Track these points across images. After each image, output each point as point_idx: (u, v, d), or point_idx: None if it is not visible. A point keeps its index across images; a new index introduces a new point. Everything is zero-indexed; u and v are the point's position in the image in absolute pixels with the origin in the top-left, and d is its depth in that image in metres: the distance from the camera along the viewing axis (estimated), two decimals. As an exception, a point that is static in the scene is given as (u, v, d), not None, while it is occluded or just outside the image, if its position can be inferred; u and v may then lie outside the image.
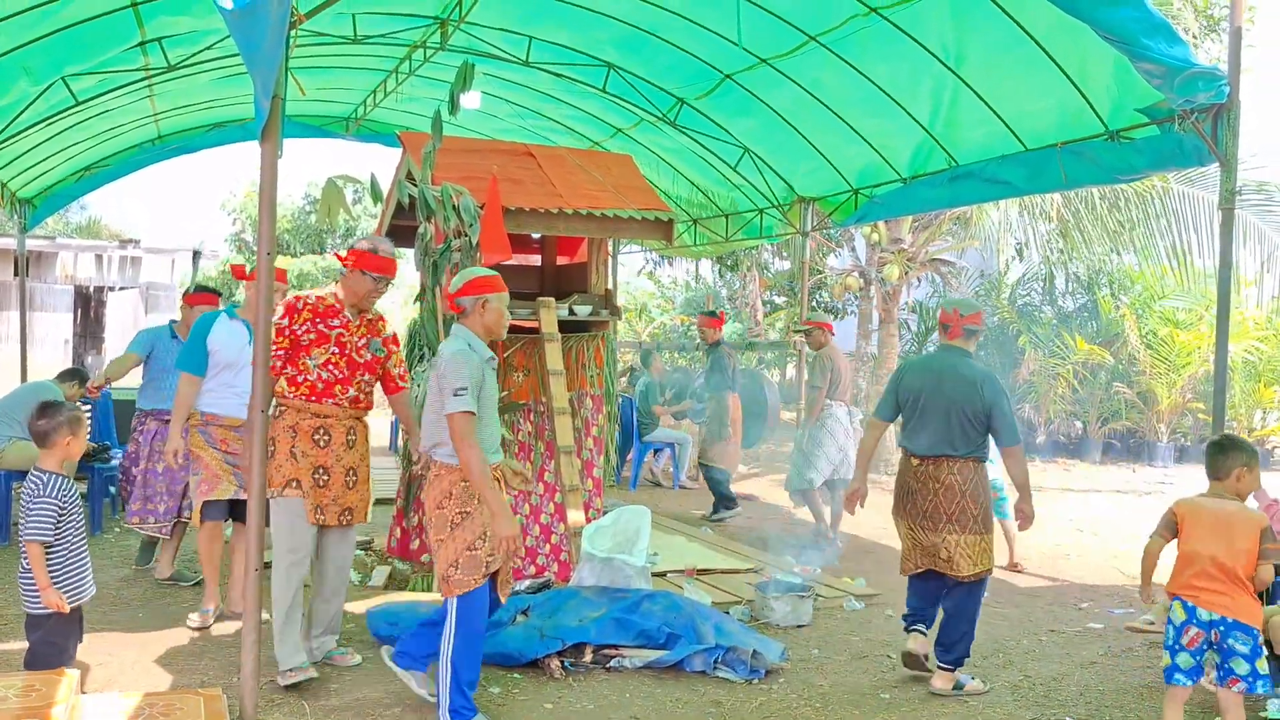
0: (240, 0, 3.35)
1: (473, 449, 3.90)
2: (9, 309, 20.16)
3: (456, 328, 4.21)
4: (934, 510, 4.79)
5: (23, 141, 8.50)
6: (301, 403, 4.56)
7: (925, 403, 4.86)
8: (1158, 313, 14.47)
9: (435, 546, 4.07)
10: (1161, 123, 5.92)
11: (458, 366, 3.95)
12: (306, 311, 4.59)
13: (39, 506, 3.82)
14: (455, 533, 3.99)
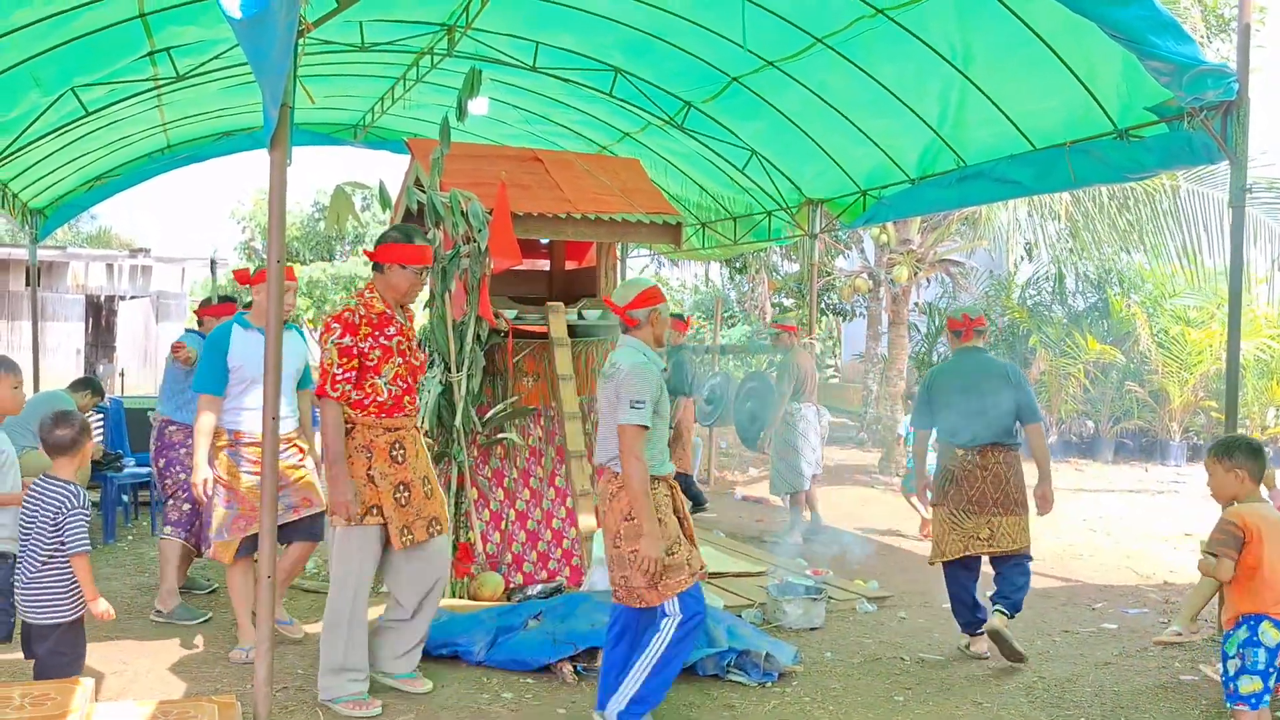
0: (248, 9, 3.36)
1: (638, 463, 3.88)
2: (21, 319, 20.24)
3: (628, 339, 4.15)
4: (980, 496, 5.24)
5: (34, 152, 8.55)
6: (372, 419, 4.34)
7: (964, 400, 5.29)
8: (1169, 311, 14.42)
9: (631, 558, 3.95)
10: (1171, 121, 5.90)
11: (639, 379, 3.94)
12: (365, 326, 4.33)
13: (76, 517, 3.76)
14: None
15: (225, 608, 5.92)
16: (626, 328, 4.18)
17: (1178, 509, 10.53)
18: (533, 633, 5.00)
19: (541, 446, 6.47)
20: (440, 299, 6.20)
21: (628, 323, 4.17)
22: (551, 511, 6.46)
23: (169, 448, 6.02)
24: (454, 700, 4.50)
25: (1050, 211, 13.75)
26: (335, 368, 4.24)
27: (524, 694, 4.59)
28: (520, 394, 6.37)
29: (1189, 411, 14.26)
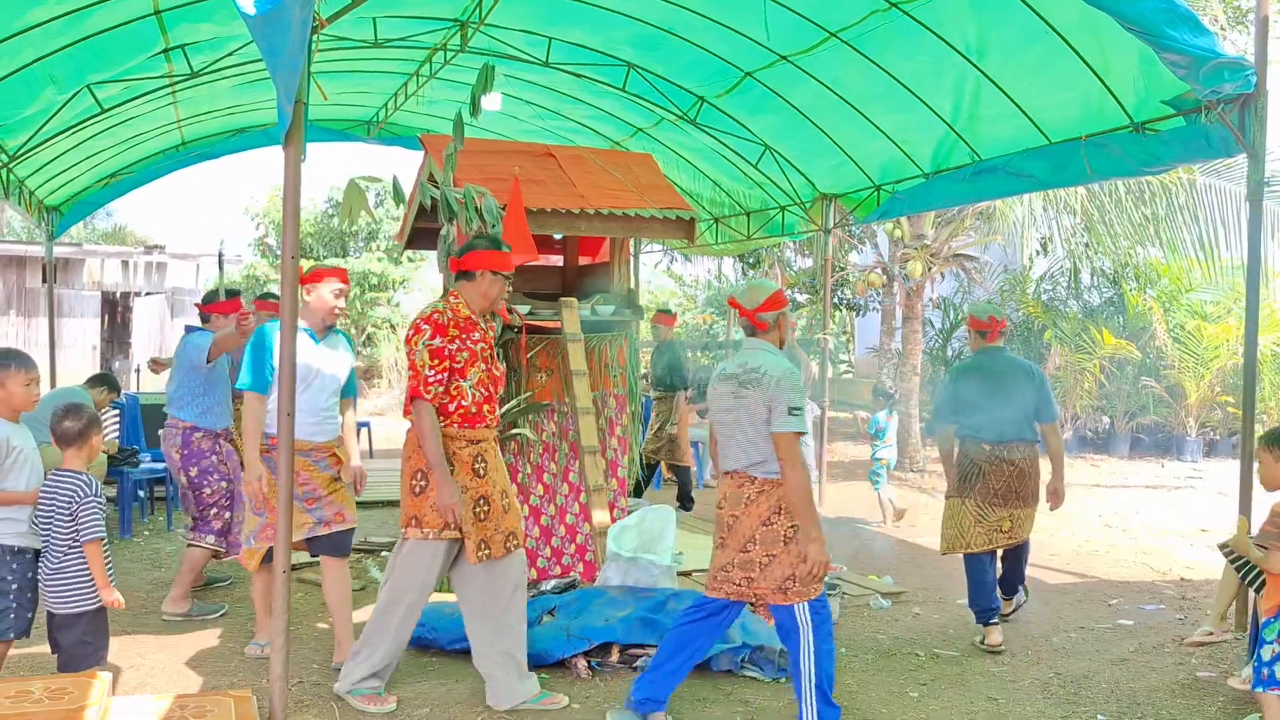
0: (263, 6, 3.36)
1: (803, 470, 3.91)
2: (38, 315, 20.36)
3: (760, 343, 4.12)
4: (1005, 490, 5.51)
5: (49, 149, 8.60)
6: (455, 429, 4.27)
7: (991, 399, 5.51)
8: (1185, 306, 14.33)
9: (765, 561, 3.95)
10: (1187, 114, 5.86)
11: (793, 385, 3.93)
12: (453, 329, 4.27)
13: (89, 506, 3.87)
14: (789, 546, 3.95)
15: (240, 602, 5.95)
16: (755, 330, 4.16)
17: (1194, 505, 10.47)
18: (547, 628, 5.01)
19: (555, 442, 6.48)
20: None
21: (757, 326, 4.15)
22: (565, 507, 6.47)
23: (199, 456, 5.82)
24: (468, 694, 4.52)
25: (1065, 206, 13.68)
26: (427, 369, 4.17)
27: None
28: (534, 389, 6.38)
29: (1205, 407, 14.17)
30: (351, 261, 24.46)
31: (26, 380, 4.04)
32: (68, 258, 20.78)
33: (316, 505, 4.73)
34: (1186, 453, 13.92)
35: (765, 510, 3.98)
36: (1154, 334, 14.22)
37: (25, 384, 4.04)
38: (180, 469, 5.83)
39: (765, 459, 3.97)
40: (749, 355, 4.09)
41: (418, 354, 4.21)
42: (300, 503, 4.61)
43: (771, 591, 3.97)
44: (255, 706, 3.95)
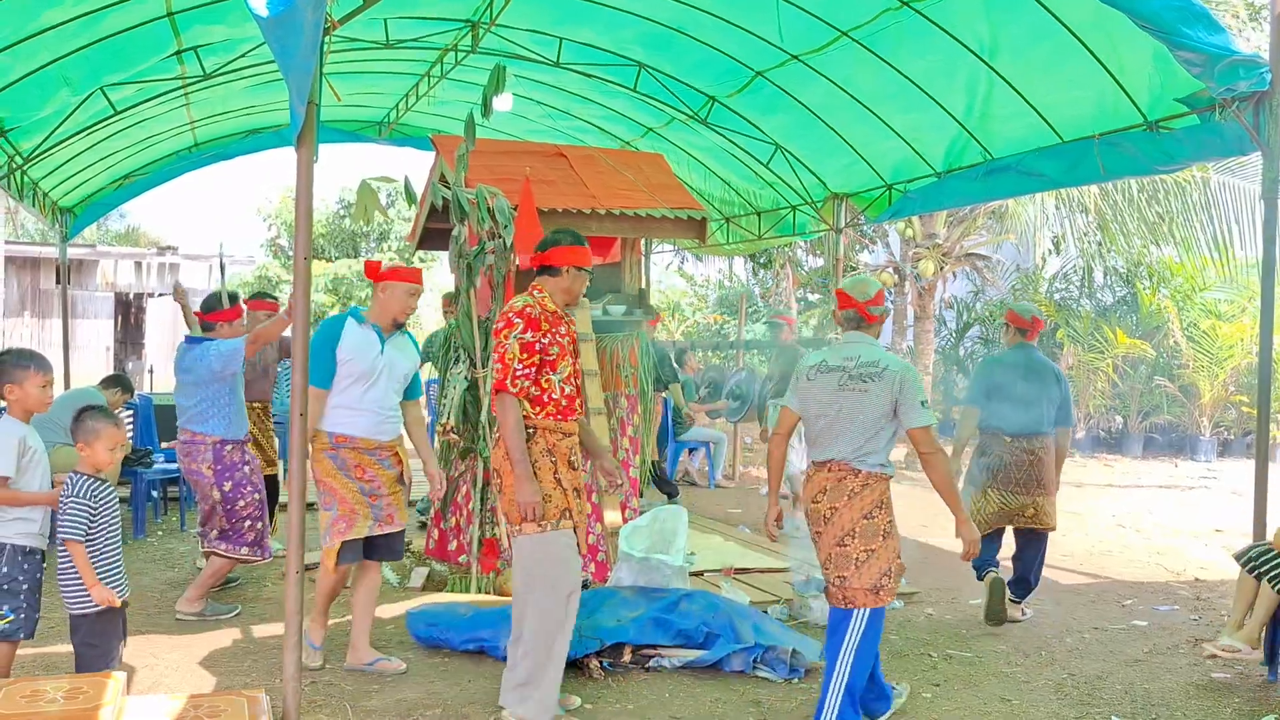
0: (275, 7, 3.37)
1: (945, 459, 4.08)
2: (52, 316, 20.48)
3: (867, 337, 4.19)
4: (1028, 478, 5.83)
5: (63, 151, 8.64)
6: (552, 422, 4.17)
7: (1019, 392, 5.80)
8: (1199, 305, 14.27)
9: (863, 556, 3.98)
10: (1202, 112, 5.82)
11: (917, 378, 4.06)
12: (544, 322, 4.18)
13: (68, 506, 3.88)
14: (888, 541, 3.98)
15: (253, 602, 5.97)
16: (862, 323, 4.21)
17: (1208, 505, 10.42)
18: (559, 628, 5.00)
19: (567, 442, 6.47)
20: (465, 295, 6.22)
21: (868, 319, 4.20)
22: (577, 507, 6.46)
23: (233, 469, 5.69)
24: (480, 694, 4.52)
25: (1079, 204, 13.64)
26: (515, 362, 4.07)
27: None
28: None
29: (1219, 406, 14.11)
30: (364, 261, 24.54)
31: (43, 382, 4.07)
32: (81, 259, 20.90)
33: (378, 503, 4.72)
34: (1200, 452, 13.86)
35: (869, 504, 4.00)
36: (1168, 333, 14.16)
37: (41, 385, 4.07)
38: (214, 484, 5.66)
39: (876, 451, 4.01)
40: (858, 349, 4.14)
41: (508, 346, 4.09)
42: (365, 499, 4.67)
43: (865, 592, 3.98)
44: (269, 706, 3.96)
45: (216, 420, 5.69)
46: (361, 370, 4.68)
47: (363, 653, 4.81)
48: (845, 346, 4.19)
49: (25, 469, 3.99)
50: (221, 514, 5.71)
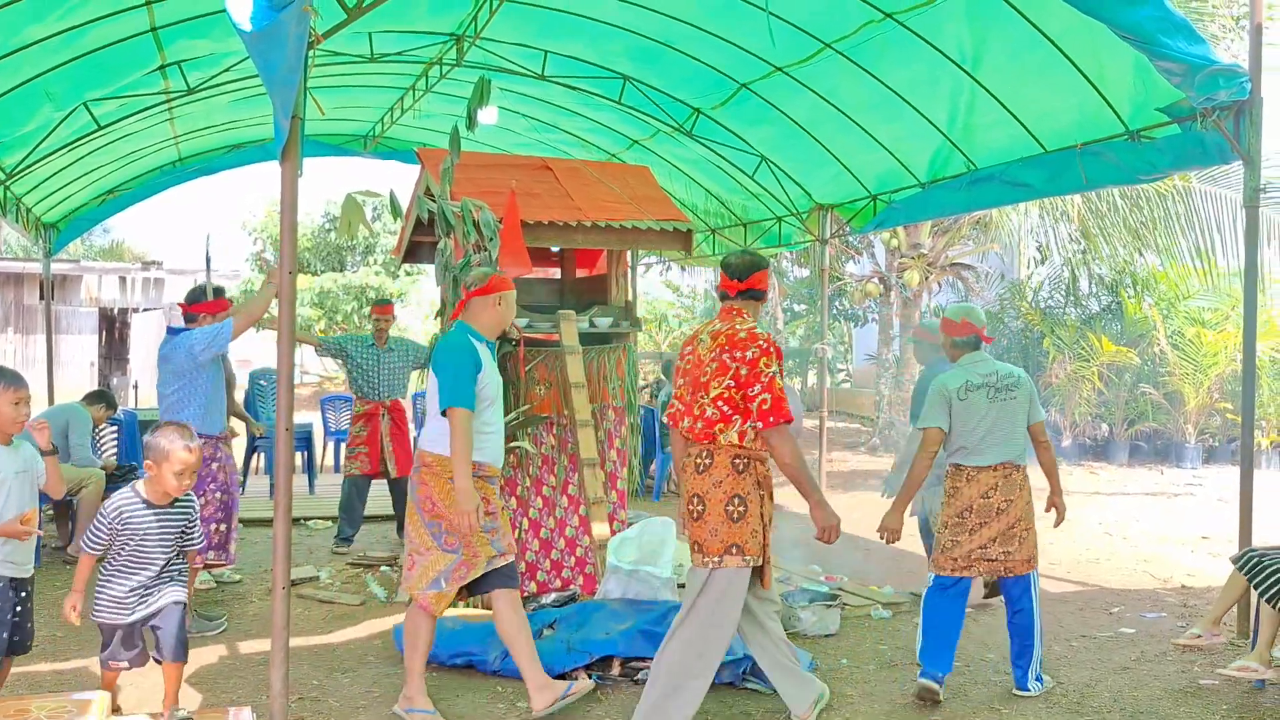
0: (259, 22, 3.37)
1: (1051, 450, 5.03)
2: (36, 332, 20.36)
3: (986, 354, 5.02)
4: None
5: (46, 166, 8.61)
6: (759, 452, 4.09)
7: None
8: (1183, 313, 14.35)
9: (1024, 535, 4.80)
10: (1183, 121, 5.87)
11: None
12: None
13: (94, 520, 3.91)
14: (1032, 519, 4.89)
15: (239, 617, 5.93)
16: (983, 344, 5.05)
17: (1194, 512, 10.46)
18: (547, 641, 4.99)
19: (554, 455, 6.47)
20: (452, 308, 6.20)
21: (986, 340, 5.11)
22: (564, 520, 6.45)
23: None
24: (469, 710, 4.50)
25: (1062, 214, 13.72)
26: (780, 392, 3.99)
27: (539, 703, 4.57)
28: (532, 402, 6.37)
29: (1204, 413, 14.18)
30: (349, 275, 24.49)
31: (15, 399, 3.91)
32: (65, 274, 20.79)
33: (496, 536, 4.42)
34: (1186, 460, 13.91)
35: (1029, 492, 4.87)
36: (1152, 341, 14.23)
37: (13, 403, 3.91)
38: None
39: (1025, 448, 4.82)
40: (991, 365, 4.93)
41: (773, 376, 3.99)
42: (486, 535, 4.36)
43: (1023, 562, 4.80)
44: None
45: (192, 410, 5.49)
46: (493, 392, 4.42)
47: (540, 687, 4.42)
48: (978, 365, 4.92)
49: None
50: (223, 518, 5.65)
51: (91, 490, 7.17)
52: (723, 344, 4.07)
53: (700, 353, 4.16)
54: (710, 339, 4.15)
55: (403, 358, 7.93)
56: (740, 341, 4.04)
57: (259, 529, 8.10)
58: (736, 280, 4.25)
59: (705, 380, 4.07)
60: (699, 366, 4.13)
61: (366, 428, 7.76)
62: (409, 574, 4.35)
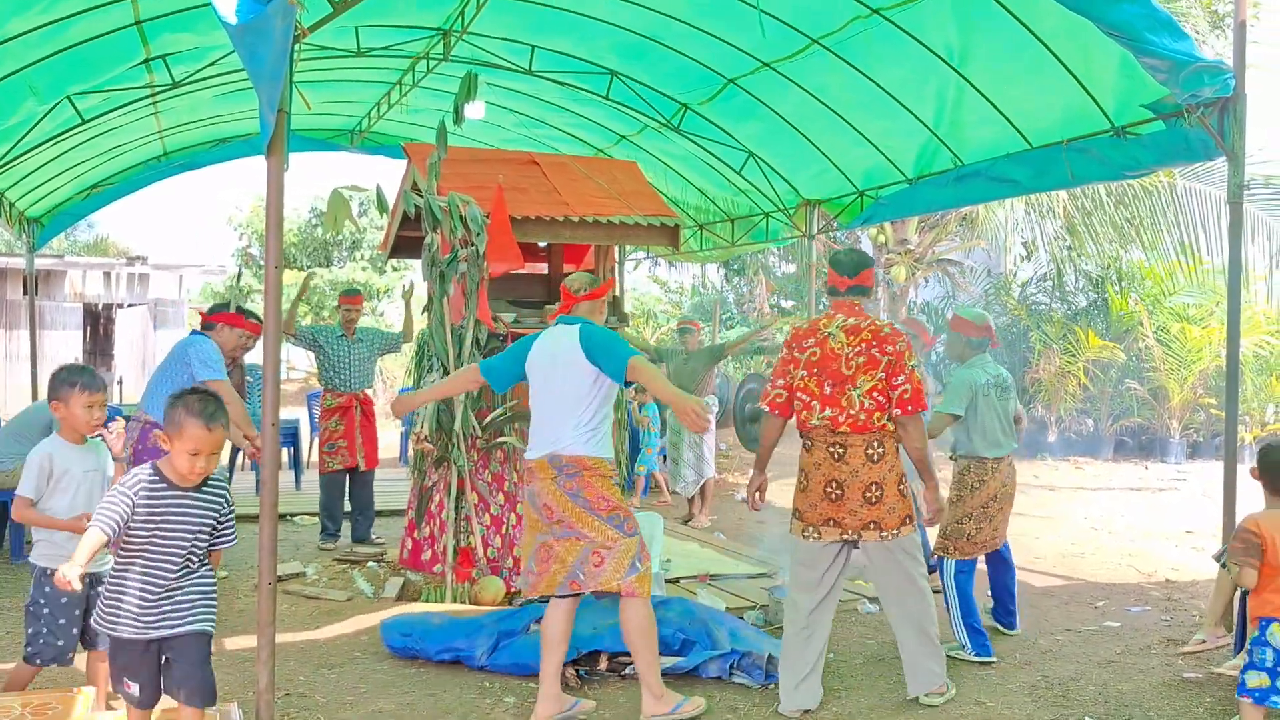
0: (244, 15, 3.36)
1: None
2: (19, 328, 20.21)
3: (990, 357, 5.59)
4: None
5: (29, 161, 8.54)
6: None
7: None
8: (1168, 309, 14.43)
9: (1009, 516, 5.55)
10: (1168, 118, 5.89)
11: None
12: None
13: (110, 492, 3.25)
14: None
15: (225, 614, 5.90)
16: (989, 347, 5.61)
17: (1178, 506, 10.53)
18: (535, 636, 4.98)
19: (541, 450, 6.46)
20: (438, 303, 6.19)
21: (994, 345, 5.66)
22: (552, 515, 6.44)
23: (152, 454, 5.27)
24: (456, 705, 4.50)
25: (1048, 210, 13.77)
26: (920, 383, 4.46)
27: (527, 698, 4.58)
28: (519, 397, 6.36)
29: (1189, 409, 14.26)
30: (335, 270, 24.41)
31: (89, 402, 3.88)
32: (49, 270, 20.64)
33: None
34: (1170, 454, 14.00)
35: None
36: (1137, 336, 14.30)
37: (87, 405, 3.88)
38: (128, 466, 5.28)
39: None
40: (996, 366, 5.58)
41: (914, 369, 4.44)
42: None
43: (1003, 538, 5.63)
44: (241, 719, 3.93)
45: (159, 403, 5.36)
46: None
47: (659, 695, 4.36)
48: (987, 365, 5.51)
49: (53, 491, 3.84)
50: None
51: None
52: (867, 339, 4.42)
53: (833, 347, 4.45)
54: (845, 334, 4.45)
55: (370, 348, 7.89)
56: (886, 336, 4.42)
57: (245, 525, 7.99)
58: (847, 276, 4.60)
59: (850, 374, 4.40)
60: (834, 359, 4.43)
61: (342, 422, 7.70)
62: (598, 570, 4.25)
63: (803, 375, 4.48)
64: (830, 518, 4.46)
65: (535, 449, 4.35)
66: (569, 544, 4.28)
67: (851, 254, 4.70)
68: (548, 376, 4.36)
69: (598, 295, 4.57)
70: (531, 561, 4.38)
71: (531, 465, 4.35)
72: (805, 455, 4.56)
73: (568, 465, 4.25)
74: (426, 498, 6.38)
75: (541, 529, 4.34)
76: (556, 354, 4.34)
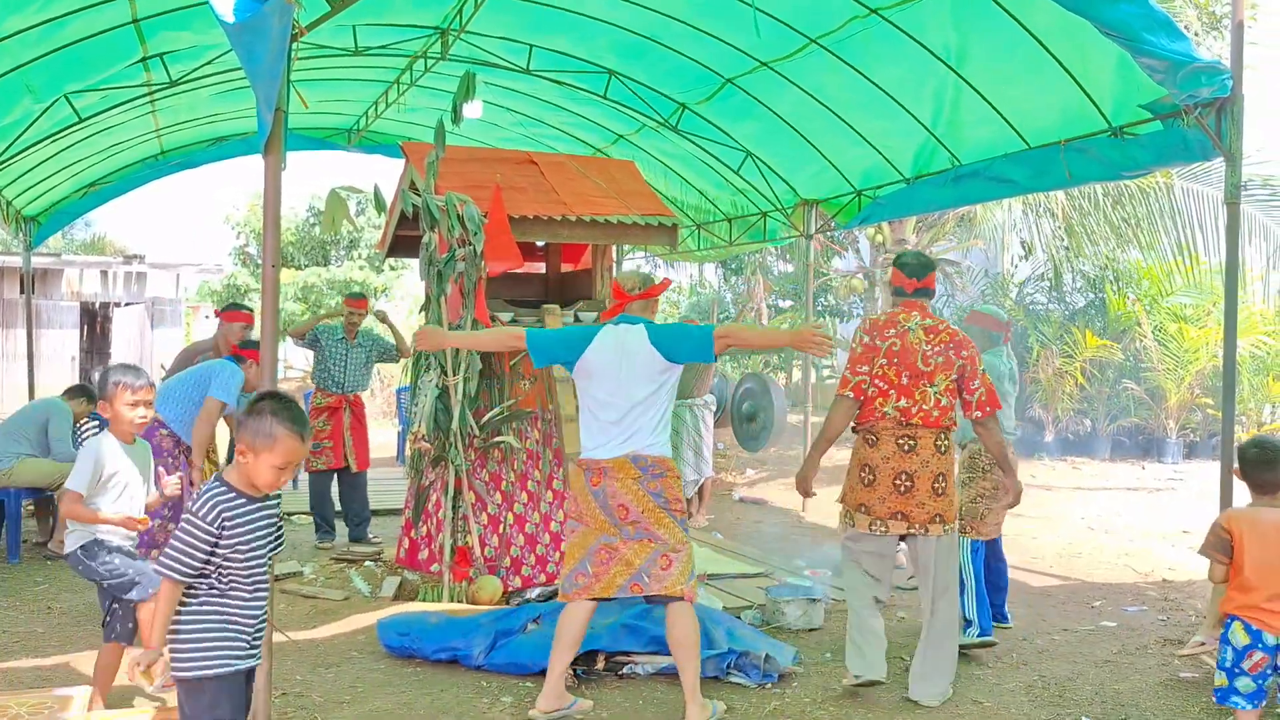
0: (242, 14, 3.35)
1: None
2: (16, 326, 20.19)
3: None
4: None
5: (27, 159, 8.53)
6: None
7: None
8: (1165, 309, 14.43)
9: None
10: (1165, 118, 5.89)
11: None
12: None
13: (181, 528, 2.81)
14: None
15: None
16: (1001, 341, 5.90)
17: (1175, 506, 10.53)
18: (532, 636, 4.99)
19: (539, 449, 6.46)
20: (436, 302, 6.19)
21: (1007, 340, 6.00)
22: (549, 514, 6.45)
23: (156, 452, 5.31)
24: (453, 704, 4.50)
25: (1046, 210, 13.77)
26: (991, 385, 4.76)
27: (524, 697, 4.57)
28: (517, 397, 6.36)
29: (1186, 409, 14.27)
30: (333, 270, 24.40)
31: (132, 400, 3.90)
32: (46, 268, 20.62)
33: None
34: (1167, 454, 14.00)
35: None
36: (1135, 336, 14.31)
37: (130, 404, 3.90)
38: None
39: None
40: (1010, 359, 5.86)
41: (985, 372, 4.74)
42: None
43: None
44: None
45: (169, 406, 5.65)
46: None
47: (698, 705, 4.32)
48: (1004, 357, 5.80)
49: (100, 490, 3.88)
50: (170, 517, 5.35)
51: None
52: (946, 340, 4.64)
53: (912, 342, 4.63)
54: (924, 332, 4.65)
55: (369, 353, 7.89)
56: (962, 341, 4.69)
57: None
58: (915, 279, 4.77)
59: (928, 370, 4.61)
60: (913, 354, 4.61)
61: (329, 422, 7.69)
62: (664, 574, 4.23)
63: (882, 364, 4.61)
64: (899, 511, 4.59)
65: (608, 448, 4.26)
66: (639, 545, 4.24)
67: (918, 257, 4.89)
68: (615, 374, 4.29)
69: (652, 295, 4.57)
70: (586, 563, 4.27)
71: (605, 464, 4.25)
72: (869, 450, 4.64)
73: (653, 465, 4.24)
74: (424, 497, 6.38)
75: (608, 530, 4.26)
76: (625, 352, 4.29)
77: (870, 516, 4.62)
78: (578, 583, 4.28)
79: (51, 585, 6.48)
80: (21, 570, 6.85)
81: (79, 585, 6.45)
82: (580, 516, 4.34)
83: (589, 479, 4.29)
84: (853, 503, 4.70)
